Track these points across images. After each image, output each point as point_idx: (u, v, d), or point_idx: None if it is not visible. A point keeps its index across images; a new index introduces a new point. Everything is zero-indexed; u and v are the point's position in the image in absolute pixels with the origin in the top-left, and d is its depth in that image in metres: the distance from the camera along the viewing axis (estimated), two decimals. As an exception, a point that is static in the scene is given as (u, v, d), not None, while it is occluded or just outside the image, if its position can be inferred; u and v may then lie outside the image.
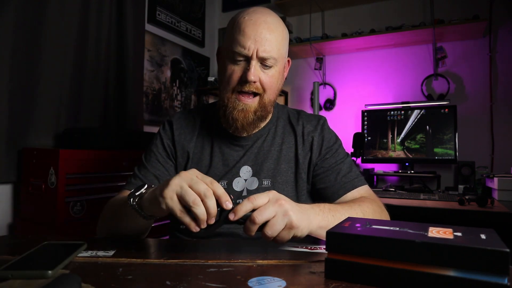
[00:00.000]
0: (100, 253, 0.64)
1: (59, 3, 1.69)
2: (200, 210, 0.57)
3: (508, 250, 0.41)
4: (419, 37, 2.30)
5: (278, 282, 0.49)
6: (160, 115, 2.46)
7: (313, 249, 0.68)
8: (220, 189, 0.59)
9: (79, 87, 1.80)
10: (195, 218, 0.58)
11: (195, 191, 0.57)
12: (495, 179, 1.77)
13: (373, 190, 0.94)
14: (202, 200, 0.57)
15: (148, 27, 2.32)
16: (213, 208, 0.57)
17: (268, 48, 0.82)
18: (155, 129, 2.33)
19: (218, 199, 0.58)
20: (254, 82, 0.83)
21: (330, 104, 2.63)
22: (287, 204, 0.61)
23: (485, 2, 2.21)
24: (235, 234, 0.86)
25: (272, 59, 0.83)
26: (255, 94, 0.86)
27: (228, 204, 0.58)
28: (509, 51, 2.17)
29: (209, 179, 0.60)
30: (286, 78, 0.96)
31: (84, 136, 1.53)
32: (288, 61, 0.95)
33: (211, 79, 2.77)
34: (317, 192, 0.93)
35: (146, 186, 0.68)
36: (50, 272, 0.51)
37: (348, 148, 2.19)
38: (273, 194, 0.61)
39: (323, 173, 0.91)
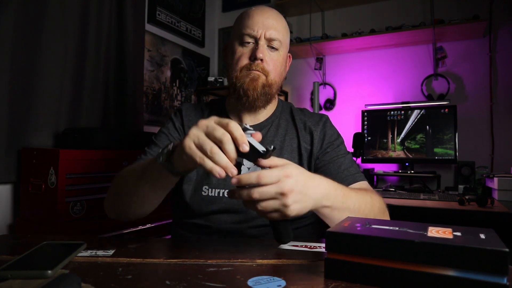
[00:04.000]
0: (100, 252, 0.64)
1: (59, 3, 1.69)
2: (218, 157, 0.56)
3: (507, 250, 0.41)
4: (419, 37, 2.30)
5: (278, 281, 0.49)
6: (160, 115, 2.46)
7: (313, 249, 0.68)
8: (237, 131, 0.57)
9: (79, 87, 1.80)
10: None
11: (212, 139, 0.57)
12: (495, 179, 1.76)
13: (373, 190, 0.94)
14: (220, 147, 0.57)
15: (148, 27, 2.32)
16: (232, 153, 0.57)
17: (274, 31, 0.90)
18: (155, 129, 2.33)
19: (235, 141, 0.57)
20: (261, 60, 0.89)
21: (330, 104, 2.63)
22: (292, 195, 0.58)
23: (485, 2, 2.20)
24: (236, 232, 0.87)
25: (278, 41, 0.91)
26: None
27: (245, 147, 0.57)
28: (509, 51, 2.17)
29: (226, 121, 0.58)
30: (286, 78, 1.00)
31: (84, 136, 1.53)
32: (289, 56, 1.01)
33: (211, 79, 2.77)
34: None
35: (171, 143, 0.67)
36: (49, 272, 0.51)
37: (348, 148, 2.18)
38: (285, 173, 0.58)
39: (324, 166, 0.93)
